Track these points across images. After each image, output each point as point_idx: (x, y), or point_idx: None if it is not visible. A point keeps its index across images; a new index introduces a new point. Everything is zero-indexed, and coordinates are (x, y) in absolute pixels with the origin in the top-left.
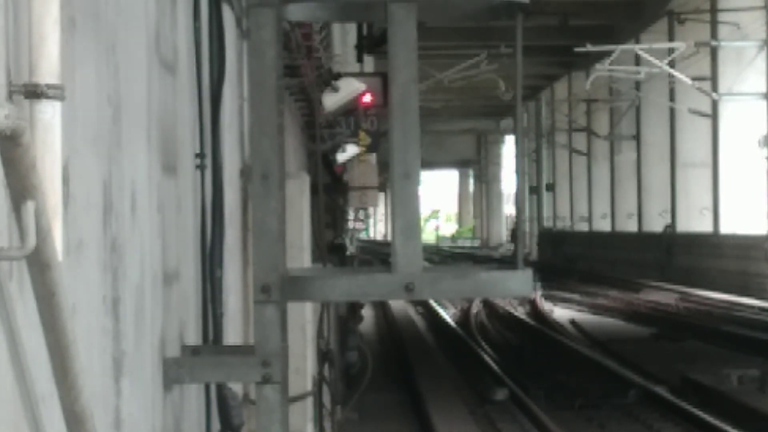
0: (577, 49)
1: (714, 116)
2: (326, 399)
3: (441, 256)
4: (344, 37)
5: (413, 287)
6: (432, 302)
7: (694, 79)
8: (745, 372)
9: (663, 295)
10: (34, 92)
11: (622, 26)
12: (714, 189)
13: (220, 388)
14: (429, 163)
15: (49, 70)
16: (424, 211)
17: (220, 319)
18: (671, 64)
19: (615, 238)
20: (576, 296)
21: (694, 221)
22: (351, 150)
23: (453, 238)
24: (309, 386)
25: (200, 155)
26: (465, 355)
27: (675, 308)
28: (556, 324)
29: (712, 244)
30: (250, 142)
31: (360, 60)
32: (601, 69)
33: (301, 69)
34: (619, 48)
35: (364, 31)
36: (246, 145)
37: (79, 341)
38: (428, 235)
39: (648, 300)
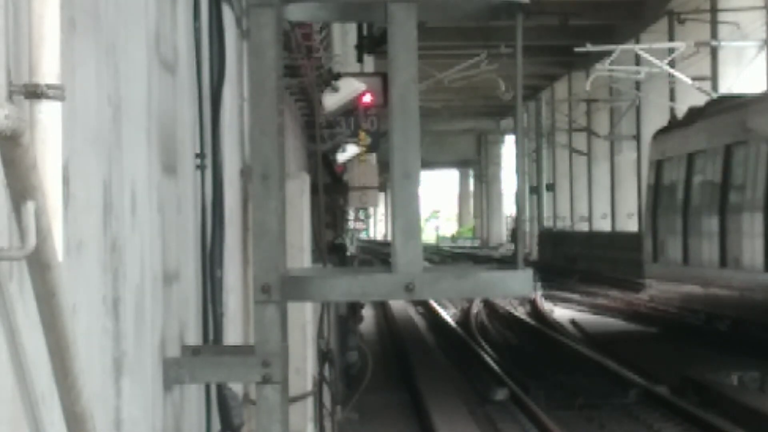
0: (577, 49)
1: None
2: (326, 399)
3: (441, 256)
4: (344, 37)
5: (413, 287)
6: (432, 302)
7: (694, 79)
8: (745, 372)
9: None
10: (34, 92)
11: (622, 26)
12: None
13: (220, 389)
14: (429, 163)
15: (49, 70)
16: (424, 211)
17: (220, 319)
18: (671, 64)
19: (615, 238)
20: (576, 296)
21: None
22: (351, 150)
23: (453, 238)
24: (309, 386)
25: (200, 155)
26: (465, 354)
27: (675, 308)
28: (556, 324)
29: None
30: (250, 142)
31: (360, 60)
32: (601, 69)
33: (301, 69)
34: (619, 48)
35: (364, 31)
36: (246, 145)
37: (79, 341)
38: (428, 235)
39: (648, 300)
